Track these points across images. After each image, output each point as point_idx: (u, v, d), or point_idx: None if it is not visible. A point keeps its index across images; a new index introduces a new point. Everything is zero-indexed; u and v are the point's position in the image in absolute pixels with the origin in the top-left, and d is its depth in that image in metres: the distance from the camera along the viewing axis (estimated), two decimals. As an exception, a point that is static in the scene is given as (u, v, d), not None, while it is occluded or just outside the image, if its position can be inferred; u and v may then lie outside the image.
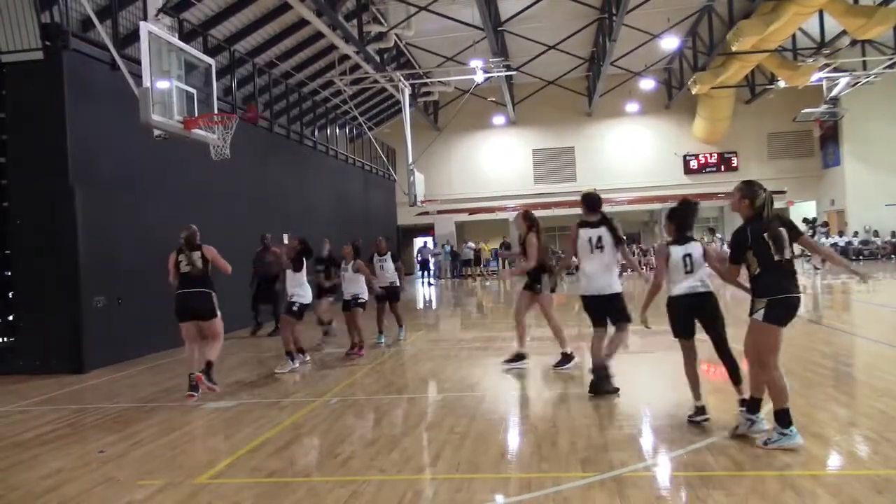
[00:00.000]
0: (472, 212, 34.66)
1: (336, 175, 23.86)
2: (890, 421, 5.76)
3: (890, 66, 26.18)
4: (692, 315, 5.83)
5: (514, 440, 5.99)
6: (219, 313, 8.34)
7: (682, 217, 5.97)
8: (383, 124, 33.06)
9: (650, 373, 9.06)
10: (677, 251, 5.78)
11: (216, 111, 10.91)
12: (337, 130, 25.04)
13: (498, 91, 30.22)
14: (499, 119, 35.22)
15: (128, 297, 11.63)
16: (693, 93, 28.16)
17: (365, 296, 10.97)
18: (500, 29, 24.45)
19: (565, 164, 35.46)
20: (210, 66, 10.89)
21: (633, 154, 34.88)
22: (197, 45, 14.09)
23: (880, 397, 6.67)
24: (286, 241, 14.64)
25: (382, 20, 21.85)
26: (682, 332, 5.92)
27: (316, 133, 22.73)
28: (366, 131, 26.88)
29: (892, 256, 30.09)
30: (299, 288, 9.93)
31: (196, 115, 10.19)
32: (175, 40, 10.20)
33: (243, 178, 16.09)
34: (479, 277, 33.04)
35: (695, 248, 5.84)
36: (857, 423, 5.91)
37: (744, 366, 5.58)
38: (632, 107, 33.96)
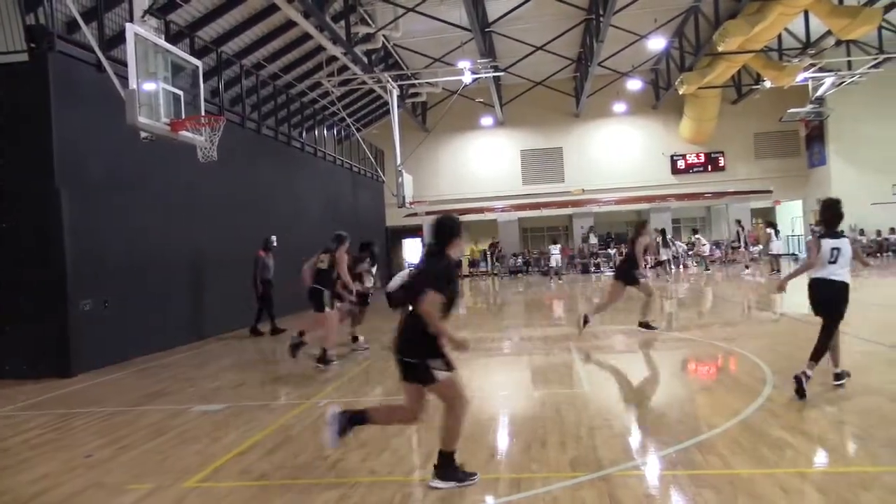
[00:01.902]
0: (460, 213, 34.63)
1: (324, 176, 23.81)
2: (877, 418, 5.81)
3: (875, 66, 26.38)
4: (820, 297, 6.75)
5: (503, 441, 6.00)
6: (327, 309, 9.99)
7: (827, 216, 6.86)
8: (371, 125, 33.02)
9: (637, 373, 9.09)
10: (827, 244, 6.68)
11: (203, 113, 10.87)
12: (325, 132, 24.99)
13: (486, 92, 30.25)
14: (487, 120, 35.25)
15: (115, 300, 11.56)
16: (680, 93, 28.29)
17: None
18: (487, 30, 24.47)
19: (553, 164, 35.51)
20: (197, 67, 10.84)
21: (621, 154, 34.96)
22: (184, 47, 14.03)
23: (868, 395, 6.73)
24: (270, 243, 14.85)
25: (370, 21, 21.84)
26: (814, 311, 6.88)
27: (304, 135, 22.67)
28: (354, 132, 26.84)
29: (878, 255, 30.34)
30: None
31: (183, 116, 10.14)
32: (161, 42, 10.15)
33: (231, 179, 16.04)
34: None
35: (844, 244, 6.70)
36: (846, 420, 5.96)
37: None
38: (619, 107, 34.06)
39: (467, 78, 23.57)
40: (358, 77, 23.31)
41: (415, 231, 36.18)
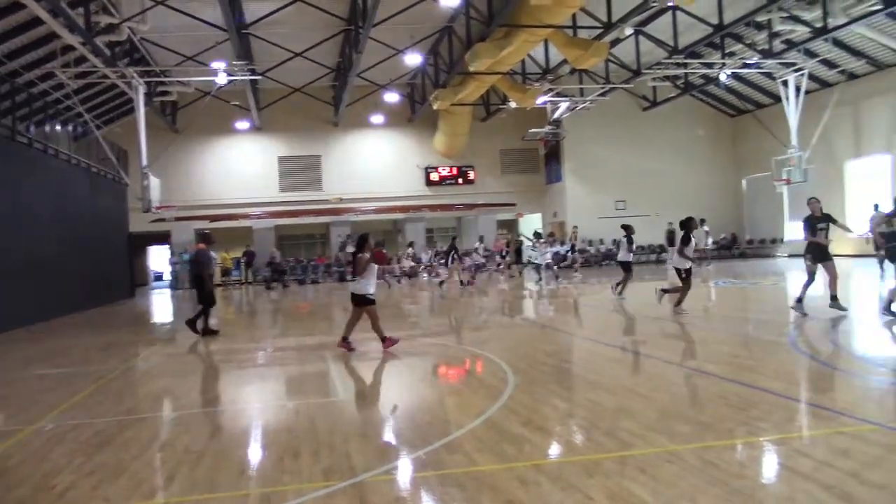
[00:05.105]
0: (213, 219, 33.18)
1: (57, 176, 21.56)
2: (601, 410, 6.43)
3: (603, 94, 29.50)
4: None
5: (255, 454, 5.80)
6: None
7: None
8: (114, 123, 30.53)
9: (391, 378, 9.27)
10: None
11: None
12: (59, 128, 22.67)
13: (242, 95, 29.30)
14: (243, 124, 34.07)
15: None
16: (434, 108, 29.47)
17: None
18: (244, 31, 23.75)
19: (311, 172, 35.28)
20: None
21: (378, 165, 35.63)
22: None
23: (594, 390, 7.44)
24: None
25: (114, 11, 20.20)
26: None
27: (32, 129, 20.37)
28: (94, 130, 24.65)
29: (603, 263, 33.80)
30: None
31: None
32: None
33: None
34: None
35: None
36: (574, 414, 6.53)
37: None
38: (377, 118, 34.72)
39: (222, 79, 22.71)
40: (98, 70, 21.49)
41: (163, 238, 34.03)
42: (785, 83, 27.40)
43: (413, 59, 27.46)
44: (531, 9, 19.28)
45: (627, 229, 17.10)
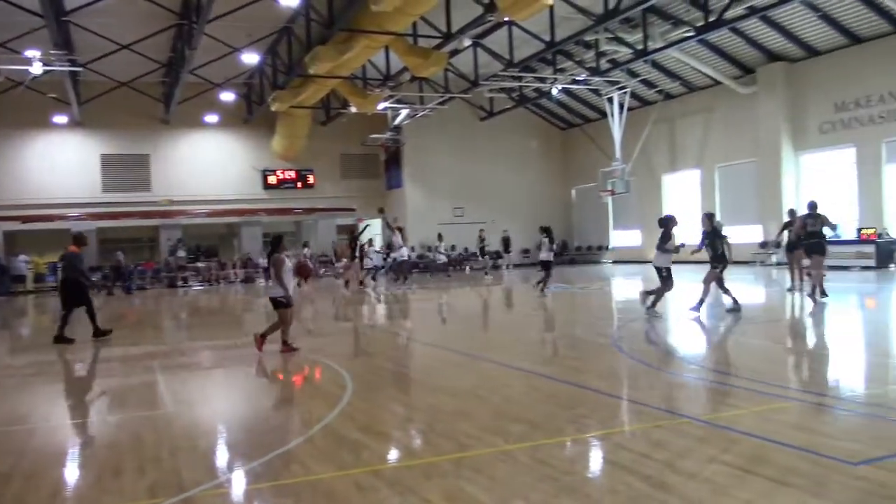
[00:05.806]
0: (25, 220, 30.48)
1: None
2: (439, 414, 6.51)
3: (442, 103, 30.09)
4: None
5: (71, 474, 5.38)
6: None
7: None
8: None
9: (226, 388, 8.93)
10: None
11: None
12: None
13: (61, 87, 27.18)
14: (61, 118, 31.51)
15: None
16: (272, 109, 28.80)
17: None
18: (63, 19, 22.04)
19: (139, 172, 33.21)
20: None
21: (213, 166, 34.20)
22: None
23: (432, 393, 7.53)
24: None
25: None
26: None
27: None
28: None
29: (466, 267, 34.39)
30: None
31: None
32: None
33: None
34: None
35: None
36: (413, 418, 6.57)
37: None
38: (212, 118, 33.37)
39: (37, 69, 20.95)
40: None
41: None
42: (610, 100, 29.27)
43: (250, 58, 26.73)
44: (372, 14, 19.32)
45: (547, 231, 18.38)
